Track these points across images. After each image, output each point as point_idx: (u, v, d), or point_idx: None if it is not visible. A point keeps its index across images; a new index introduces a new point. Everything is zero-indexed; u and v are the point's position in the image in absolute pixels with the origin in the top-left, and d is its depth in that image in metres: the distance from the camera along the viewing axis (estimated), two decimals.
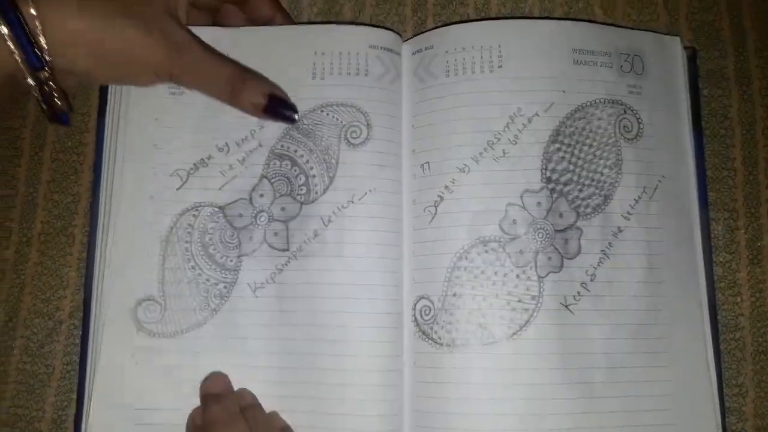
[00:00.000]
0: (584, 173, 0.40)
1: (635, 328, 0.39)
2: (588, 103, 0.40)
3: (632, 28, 0.43)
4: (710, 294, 0.39)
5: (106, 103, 0.41)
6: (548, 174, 0.40)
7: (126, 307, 0.39)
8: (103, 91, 0.42)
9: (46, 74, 0.34)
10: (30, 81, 0.34)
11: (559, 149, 0.40)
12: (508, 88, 0.40)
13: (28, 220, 0.43)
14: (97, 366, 0.38)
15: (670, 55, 0.42)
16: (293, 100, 0.40)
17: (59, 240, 0.43)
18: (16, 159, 0.44)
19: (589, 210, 0.40)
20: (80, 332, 0.40)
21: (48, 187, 0.43)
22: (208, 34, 0.40)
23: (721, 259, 0.42)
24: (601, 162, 0.40)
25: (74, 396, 0.40)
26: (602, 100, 0.41)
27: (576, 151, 0.40)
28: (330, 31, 0.42)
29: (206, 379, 0.38)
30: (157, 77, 0.38)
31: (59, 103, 0.36)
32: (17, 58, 0.33)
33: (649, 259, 0.39)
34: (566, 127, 0.40)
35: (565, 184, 0.40)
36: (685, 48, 0.43)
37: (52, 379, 0.41)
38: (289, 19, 0.43)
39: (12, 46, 0.33)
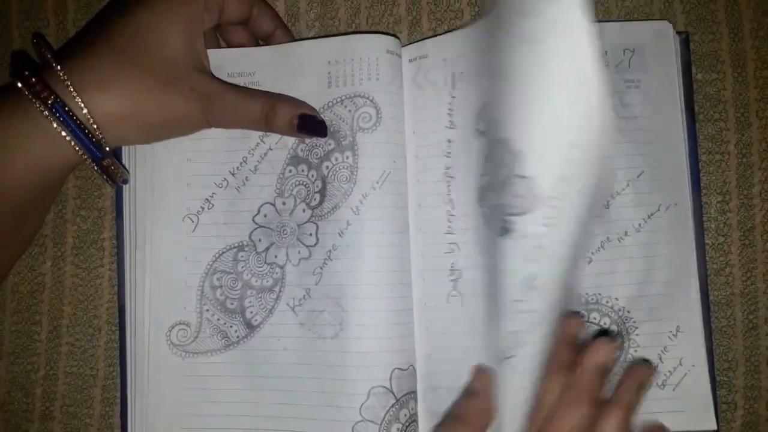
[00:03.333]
0: None
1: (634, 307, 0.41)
2: None
3: (625, 20, 0.44)
4: (702, 276, 0.42)
5: None
6: None
7: (159, 328, 0.43)
8: None
9: (109, 161, 0.38)
10: (95, 168, 0.38)
11: None
12: None
13: (61, 236, 0.46)
14: (138, 372, 0.43)
15: (663, 43, 0.43)
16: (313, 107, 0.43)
17: (91, 253, 0.46)
18: None
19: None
20: (117, 336, 0.44)
21: (75, 203, 0.46)
22: (228, 56, 0.43)
23: (712, 242, 0.43)
24: None
25: (118, 394, 0.45)
26: None
27: None
28: (344, 41, 0.43)
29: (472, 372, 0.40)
30: (197, 128, 0.41)
31: (119, 173, 0.40)
32: (79, 153, 0.37)
33: (646, 248, 0.42)
34: None
35: None
36: (678, 33, 0.43)
37: (97, 380, 0.45)
38: (288, 32, 0.44)
39: (73, 144, 0.36)
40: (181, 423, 0.42)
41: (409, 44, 0.44)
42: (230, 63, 0.43)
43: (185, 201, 0.43)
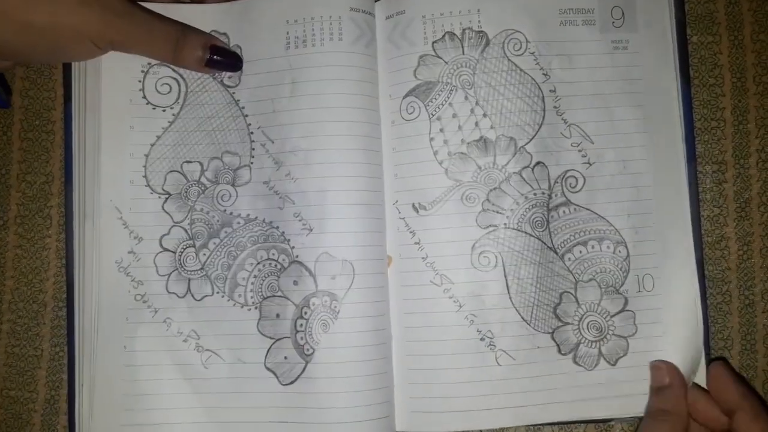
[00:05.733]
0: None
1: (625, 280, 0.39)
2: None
3: None
4: (698, 249, 0.39)
5: (71, 89, 0.40)
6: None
7: (110, 305, 0.39)
8: (67, 77, 0.40)
9: None
10: None
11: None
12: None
13: (3, 203, 0.42)
14: (86, 352, 0.39)
15: (656, 2, 0.40)
16: (268, 72, 0.39)
17: (36, 222, 0.42)
18: None
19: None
20: (65, 313, 0.40)
21: (20, 167, 0.42)
22: (173, 12, 0.39)
23: (708, 213, 0.41)
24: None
25: (65, 376, 0.41)
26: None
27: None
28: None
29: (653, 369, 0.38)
30: (97, 47, 0.37)
31: None
32: None
33: (638, 218, 0.39)
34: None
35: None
36: None
37: (42, 360, 0.41)
38: None
39: None
40: (133, 407, 0.38)
41: None
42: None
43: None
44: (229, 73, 0.40)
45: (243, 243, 0.39)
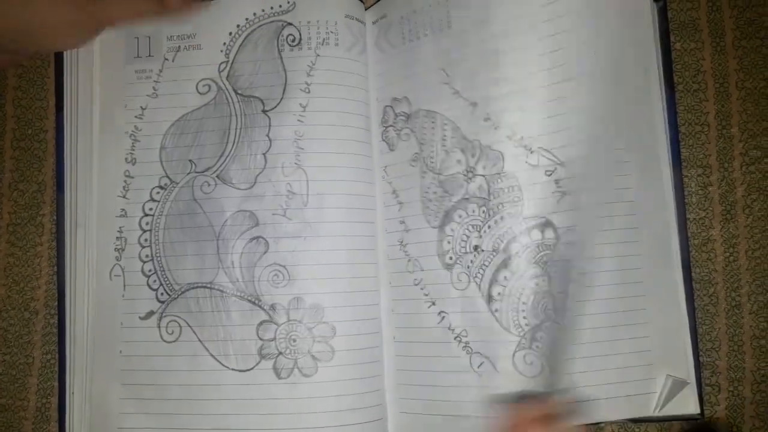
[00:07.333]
0: None
1: (611, 287, 0.39)
2: None
3: None
4: (684, 251, 0.39)
5: (63, 98, 0.40)
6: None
7: (109, 302, 0.39)
8: (59, 86, 0.40)
9: None
10: None
11: None
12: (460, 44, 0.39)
13: None
14: (78, 358, 0.39)
15: (637, 8, 0.41)
16: (265, 75, 0.40)
17: (28, 230, 0.42)
18: None
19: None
20: (57, 321, 0.40)
21: (12, 176, 0.42)
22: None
23: (694, 216, 0.41)
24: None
25: (56, 383, 0.41)
26: None
27: None
28: (296, 2, 0.40)
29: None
30: (85, 30, 0.37)
31: None
32: None
33: (623, 220, 0.39)
34: None
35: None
36: (655, 1, 0.41)
37: (33, 368, 0.41)
38: None
39: None
40: (130, 411, 0.38)
41: (374, 5, 0.42)
42: (169, 25, 0.40)
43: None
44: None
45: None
